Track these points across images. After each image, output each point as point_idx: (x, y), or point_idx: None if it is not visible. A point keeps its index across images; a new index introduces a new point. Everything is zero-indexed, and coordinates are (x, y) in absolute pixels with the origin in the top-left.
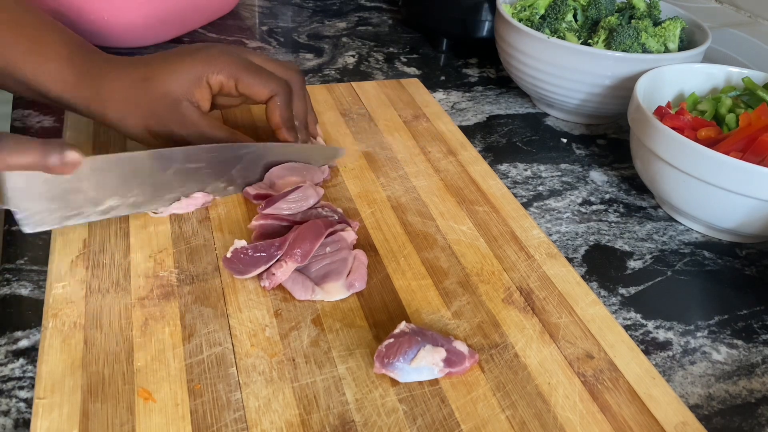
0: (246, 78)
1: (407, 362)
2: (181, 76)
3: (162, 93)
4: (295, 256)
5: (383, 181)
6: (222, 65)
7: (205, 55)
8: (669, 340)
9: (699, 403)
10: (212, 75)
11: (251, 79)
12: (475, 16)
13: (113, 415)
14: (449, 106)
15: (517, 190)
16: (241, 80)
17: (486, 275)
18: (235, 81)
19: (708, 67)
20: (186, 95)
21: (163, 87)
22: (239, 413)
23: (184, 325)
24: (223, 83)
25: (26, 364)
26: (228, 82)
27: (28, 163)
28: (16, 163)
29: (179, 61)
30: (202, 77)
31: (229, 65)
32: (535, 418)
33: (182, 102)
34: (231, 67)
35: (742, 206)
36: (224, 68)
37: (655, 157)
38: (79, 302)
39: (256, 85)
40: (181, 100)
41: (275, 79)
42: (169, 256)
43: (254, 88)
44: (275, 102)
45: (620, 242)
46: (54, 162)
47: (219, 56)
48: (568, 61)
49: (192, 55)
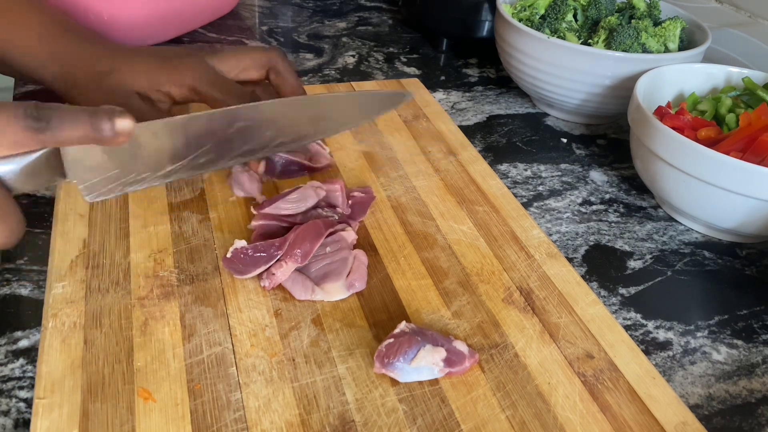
0: (208, 93)
1: (407, 362)
2: (139, 78)
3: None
4: (295, 256)
5: (383, 181)
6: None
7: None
8: (669, 340)
9: (699, 403)
10: (172, 87)
11: (214, 94)
12: (475, 16)
13: (113, 415)
14: (449, 106)
15: (517, 190)
16: (202, 94)
17: (486, 275)
18: (197, 95)
19: (708, 67)
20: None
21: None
22: (239, 413)
23: (184, 325)
24: (186, 96)
25: (26, 364)
26: (189, 95)
27: (80, 137)
28: (68, 138)
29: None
30: (162, 85)
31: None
32: (535, 418)
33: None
34: (194, 81)
35: (742, 206)
36: (186, 82)
37: (655, 157)
38: (79, 302)
39: (217, 100)
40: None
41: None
42: (169, 256)
43: (216, 103)
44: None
45: (620, 242)
46: (106, 133)
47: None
48: (568, 61)
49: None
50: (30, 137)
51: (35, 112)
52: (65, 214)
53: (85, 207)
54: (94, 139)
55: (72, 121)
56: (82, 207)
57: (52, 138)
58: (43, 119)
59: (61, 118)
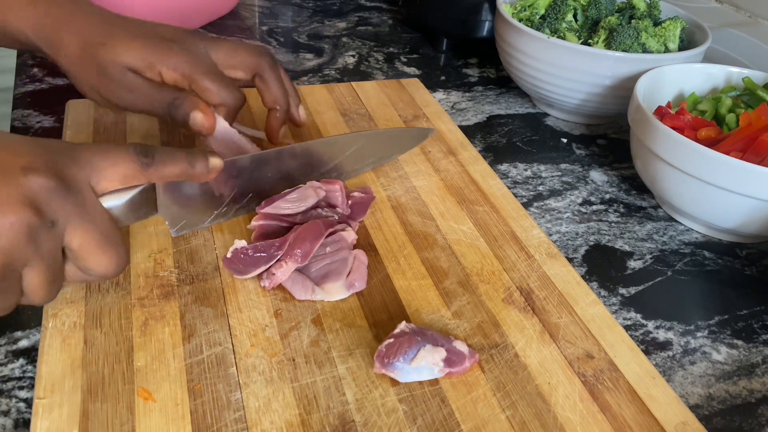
0: (201, 82)
1: (407, 362)
2: (134, 55)
3: (111, 60)
4: (295, 256)
5: (383, 181)
6: (178, 63)
7: (166, 47)
8: (669, 340)
9: (699, 403)
10: (164, 69)
11: (206, 84)
12: (475, 16)
13: (113, 415)
14: (449, 106)
15: (517, 190)
16: (195, 83)
17: (486, 275)
18: (189, 82)
19: (708, 67)
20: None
21: (114, 56)
22: (239, 413)
23: (184, 325)
24: (177, 80)
25: (26, 364)
26: (181, 81)
27: (178, 173)
28: (169, 174)
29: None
30: (154, 66)
31: (186, 65)
32: (535, 418)
33: (127, 72)
34: (188, 67)
35: (742, 206)
36: (180, 67)
37: (655, 157)
38: (79, 302)
39: (208, 91)
40: (126, 70)
41: (229, 91)
42: (169, 256)
43: (206, 93)
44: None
45: (620, 242)
46: (201, 170)
47: (180, 53)
48: (568, 61)
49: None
50: (138, 172)
51: (144, 150)
52: None
53: None
54: (190, 175)
55: (172, 159)
56: None
57: (156, 174)
58: (149, 155)
59: (163, 155)
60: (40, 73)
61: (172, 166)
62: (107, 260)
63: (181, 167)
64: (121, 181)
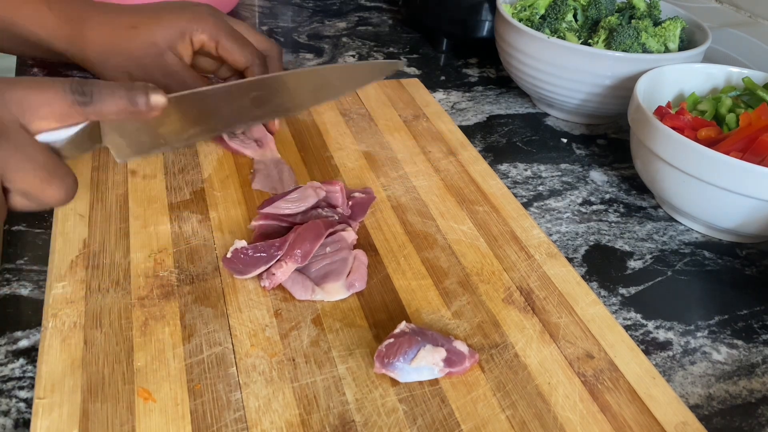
0: (227, 42)
1: (407, 362)
2: (167, 28)
3: (148, 42)
4: (295, 256)
5: (383, 181)
6: (206, 25)
7: (191, 13)
8: (669, 340)
9: (699, 403)
10: (196, 33)
11: (232, 44)
12: (475, 16)
13: (113, 415)
14: (449, 106)
15: (517, 190)
16: (221, 44)
17: (486, 275)
18: (216, 43)
19: (708, 67)
20: (170, 47)
21: (149, 36)
22: (239, 413)
23: (184, 325)
24: (205, 43)
25: (26, 364)
26: (209, 43)
27: (118, 111)
28: (108, 112)
29: (167, 14)
30: (186, 33)
31: (213, 27)
32: (535, 418)
33: (167, 52)
34: (214, 29)
35: (742, 206)
36: (208, 29)
37: (655, 157)
38: (78, 302)
39: (235, 51)
40: (166, 50)
41: (254, 50)
42: (169, 256)
43: (233, 54)
44: (251, 72)
45: (620, 242)
46: (141, 106)
47: (205, 17)
48: (568, 61)
49: (180, 11)
50: (75, 111)
51: (79, 87)
52: (65, 215)
53: (85, 207)
54: (131, 113)
55: (111, 96)
56: (82, 207)
57: (94, 112)
58: (87, 94)
59: (102, 93)
60: (40, 73)
61: (111, 104)
62: (54, 192)
63: (121, 105)
64: (57, 120)
